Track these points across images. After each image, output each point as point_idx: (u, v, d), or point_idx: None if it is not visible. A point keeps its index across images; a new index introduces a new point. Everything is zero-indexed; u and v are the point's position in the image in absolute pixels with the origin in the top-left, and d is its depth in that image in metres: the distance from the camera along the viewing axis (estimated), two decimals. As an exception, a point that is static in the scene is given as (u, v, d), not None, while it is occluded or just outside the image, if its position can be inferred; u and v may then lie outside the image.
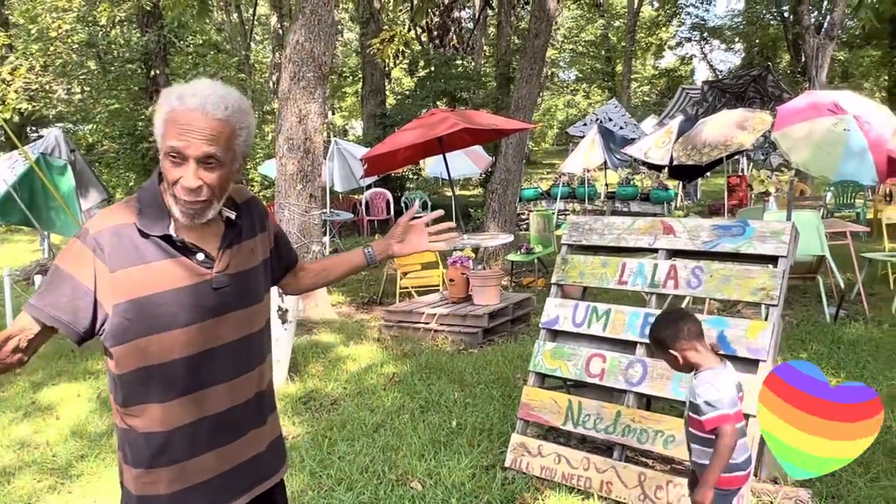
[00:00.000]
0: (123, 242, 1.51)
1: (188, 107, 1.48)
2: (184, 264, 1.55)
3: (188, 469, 1.60)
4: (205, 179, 1.51)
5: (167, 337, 1.52)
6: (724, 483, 2.29)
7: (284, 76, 7.07)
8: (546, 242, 8.92)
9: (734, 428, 2.17)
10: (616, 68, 37.61)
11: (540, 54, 9.89)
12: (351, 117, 38.60)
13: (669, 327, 2.28)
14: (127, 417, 1.58)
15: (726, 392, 2.19)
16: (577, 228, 3.73)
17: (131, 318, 1.50)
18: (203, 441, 1.60)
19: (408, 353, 5.68)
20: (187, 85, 1.53)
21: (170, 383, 1.55)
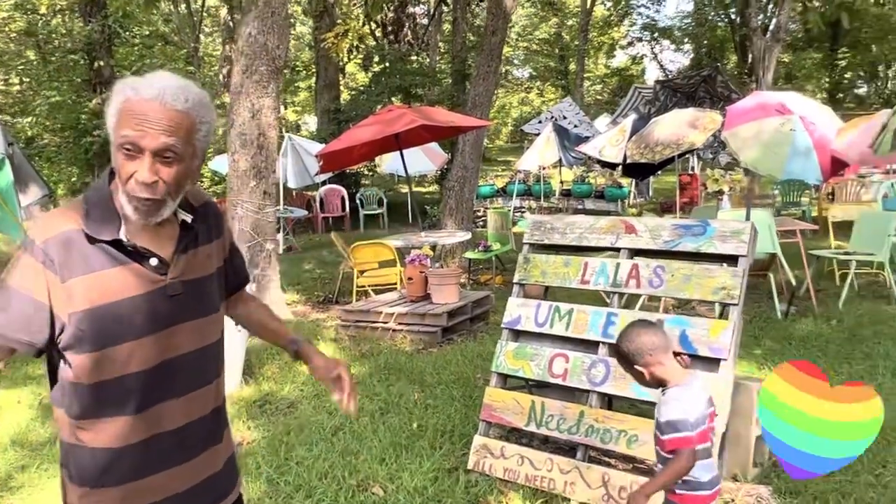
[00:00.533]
0: (72, 251, 1.40)
1: (144, 97, 1.37)
2: (136, 271, 1.44)
3: (139, 490, 1.49)
4: (161, 175, 1.39)
5: (121, 349, 1.43)
6: (684, 500, 2.22)
7: (236, 70, 6.88)
8: (503, 240, 8.92)
9: (693, 451, 2.06)
10: (569, 67, 38.02)
11: (497, 51, 9.87)
12: (304, 112, 38.05)
13: (633, 341, 2.15)
14: (78, 431, 1.47)
15: (692, 412, 2.08)
16: (539, 227, 3.71)
17: (84, 329, 1.40)
18: (156, 460, 1.50)
19: (366, 353, 5.59)
20: (144, 76, 1.42)
21: (123, 397, 1.45)
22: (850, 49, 28.06)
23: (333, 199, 15.18)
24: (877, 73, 32.54)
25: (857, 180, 11.39)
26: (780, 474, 3.21)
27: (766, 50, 13.90)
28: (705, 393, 2.16)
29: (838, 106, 23.54)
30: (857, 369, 4.53)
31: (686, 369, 2.19)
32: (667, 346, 2.16)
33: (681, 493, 2.20)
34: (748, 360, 4.80)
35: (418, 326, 6.00)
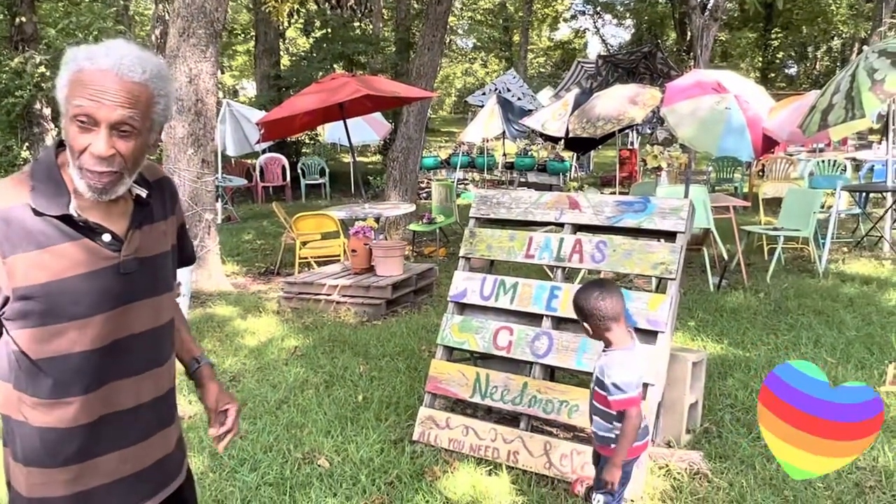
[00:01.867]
0: (13, 226, 1.33)
1: (100, 67, 1.31)
2: (87, 247, 1.38)
3: (88, 471, 1.44)
4: (118, 148, 1.34)
5: (71, 327, 1.37)
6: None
7: (172, 32, 6.60)
8: (447, 212, 8.94)
9: (639, 410, 2.26)
10: (513, 38, 38.01)
11: (442, 21, 9.77)
12: (242, 77, 36.91)
13: (589, 302, 2.30)
14: (23, 407, 1.41)
15: (635, 374, 2.26)
16: (485, 202, 3.74)
17: (31, 307, 1.35)
18: (107, 441, 1.46)
19: (309, 325, 5.55)
20: (98, 45, 1.35)
21: (72, 376, 1.40)
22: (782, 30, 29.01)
23: (274, 167, 14.86)
24: (806, 54, 33.79)
25: (785, 158, 11.87)
26: (711, 440, 3.38)
27: (703, 28, 14.19)
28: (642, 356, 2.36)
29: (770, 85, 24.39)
30: (783, 340, 4.77)
31: (628, 336, 2.34)
32: (618, 312, 2.30)
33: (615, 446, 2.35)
34: (683, 332, 4.99)
35: (362, 299, 5.99)
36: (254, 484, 3.09)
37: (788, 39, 29.81)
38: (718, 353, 4.57)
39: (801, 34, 29.33)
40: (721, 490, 2.95)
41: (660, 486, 2.98)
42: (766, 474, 3.04)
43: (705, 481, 3.03)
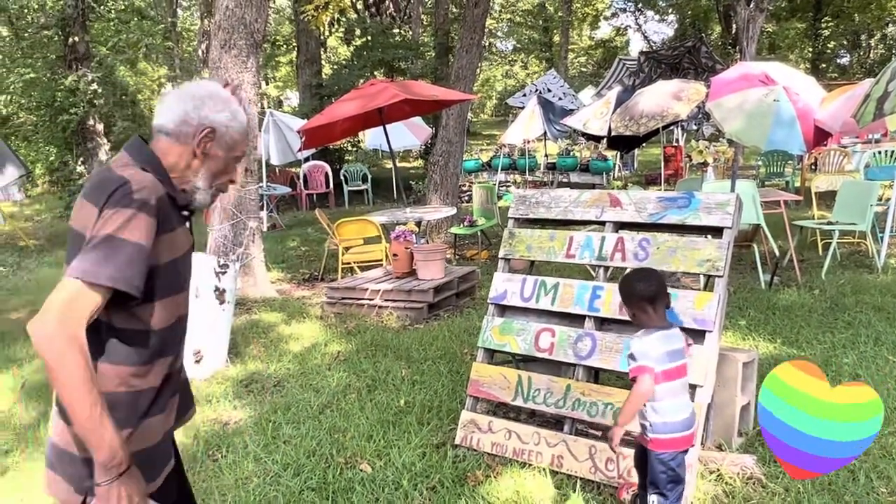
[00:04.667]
0: (165, 209, 1.62)
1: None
2: (186, 233, 1.74)
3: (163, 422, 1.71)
4: None
5: (178, 298, 1.71)
6: (660, 445, 2.36)
7: (214, 44, 6.73)
8: (489, 215, 8.89)
9: (651, 379, 2.33)
10: (553, 38, 37.76)
11: (480, 23, 9.75)
12: (286, 87, 37.56)
13: (629, 285, 2.47)
14: (132, 378, 1.62)
15: (651, 347, 2.36)
16: (524, 202, 3.68)
17: (163, 279, 1.63)
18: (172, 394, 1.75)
19: (352, 330, 5.57)
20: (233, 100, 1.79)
21: (172, 340, 1.71)
22: (833, 18, 28.05)
23: (317, 175, 15.04)
24: (859, 42, 32.58)
25: (839, 150, 11.44)
26: (765, 443, 3.24)
27: (749, 20, 13.81)
28: (674, 343, 2.41)
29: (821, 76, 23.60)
30: (840, 338, 4.58)
31: (663, 321, 2.44)
32: (654, 296, 2.42)
33: (654, 437, 2.31)
34: (733, 331, 4.83)
35: (404, 303, 5.98)
36: (297, 489, 3.10)
37: (840, 28, 28.78)
38: (771, 352, 4.41)
39: (853, 22, 28.30)
40: (776, 496, 2.83)
41: (711, 491, 2.88)
42: (825, 479, 2.90)
43: (759, 486, 2.91)
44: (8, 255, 10.82)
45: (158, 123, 1.73)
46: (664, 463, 2.38)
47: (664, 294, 2.45)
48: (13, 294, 7.85)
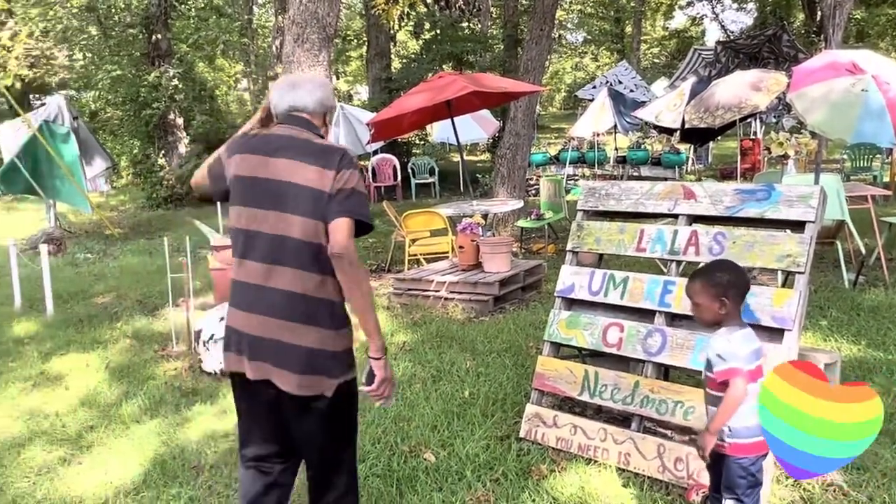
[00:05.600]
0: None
1: None
2: None
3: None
4: None
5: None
6: (741, 450, 2.26)
7: (288, 39, 6.89)
8: (556, 208, 8.78)
9: (744, 382, 2.20)
10: (625, 30, 36.91)
11: (549, 14, 9.62)
12: (356, 82, 38.12)
13: (720, 274, 2.32)
14: (333, 290, 2.13)
15: (740, 347, 2.24)
16: (594, 194, 3.61)
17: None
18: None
19: (418, 321, 5.61)
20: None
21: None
22: (929, 3, 26.32)
23: (385, 168, 15.22)
24: (958, 28, 30.46)
25: (934, 143, 10.74)
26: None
27: (836, 6, 13.12)
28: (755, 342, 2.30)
29: (915, 64, 22.16)
30: (932, 342, 4.31)
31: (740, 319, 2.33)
32: (742, 293, 2.32)
33: (735, 441, 2.21)
34: (813, 332, 4.62)
35: (470, 295, 5.98)
36: (362, 475, 3.14)
37: (936, 14, 26.99)
38: (855, 354, 4.19)
39: (951, 7, 26.48)
40: (859, 504, 2.69)
41: (788, 497, 2.76)
42: (913, 489, 2.74)
43: (840, 494, 2.77)
44: (95, 242, 11.40)
45: (302, 104, 2.27)
46: (744, 468, 2.26)
47: (747, 289, 2.36)
48: (99, 279, 8.27)
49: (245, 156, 2.22)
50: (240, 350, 2.17)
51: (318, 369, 2.12)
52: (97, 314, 6.41)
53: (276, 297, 2.11)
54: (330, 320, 2.13)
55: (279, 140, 2.21)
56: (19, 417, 4.15)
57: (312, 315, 2.11)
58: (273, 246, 2.12)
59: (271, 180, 2.14)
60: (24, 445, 3.74)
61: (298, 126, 2.23)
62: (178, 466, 3.37)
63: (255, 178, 2.17)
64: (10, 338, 5.81)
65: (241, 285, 2.19)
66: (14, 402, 4.41)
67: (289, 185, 2.12)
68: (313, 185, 2.10)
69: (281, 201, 2.12)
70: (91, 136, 13.57)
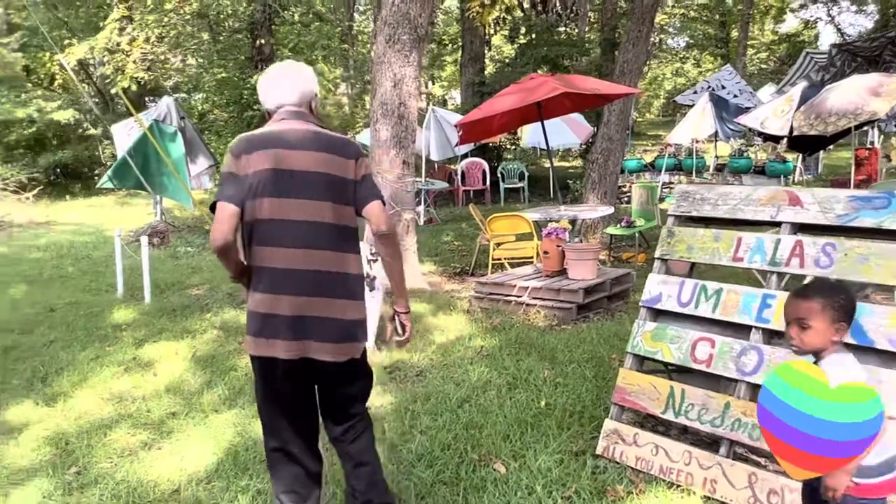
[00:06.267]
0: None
1: None
2: None
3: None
4: None
5: None
6: (868, 491, 1.97)
7: (380, 39, 6.93)
8: (649, 216, 8.43)
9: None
10: (731, 34, 35.33)
11: (648, 15, 9.27)
12: (450, 87, 38.37)
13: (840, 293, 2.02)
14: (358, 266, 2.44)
15: (859, 373, 1.96)
16: (687, 198, 3.37)
17: None
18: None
19: (497, 326, 5.48)
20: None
21: None
22: None
23: (475, 172, 15.16)
24: None
25: None
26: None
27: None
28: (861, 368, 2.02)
29: None
30: None
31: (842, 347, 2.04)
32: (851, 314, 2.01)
33: (863, 482, 1.94)
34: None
35: (553, 302, 5.80)
36: (429, 481, 3.05)
37: None
38: None
39: None
40: None
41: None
42: None
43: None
44: (196, 237, 11.95)
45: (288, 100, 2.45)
46: None
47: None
48: (195, 272, 8.62)
49: (261, 153, 2.31)
50: (275, 334, 2.29)
51: (352, 336, 2.38)
52: (190, 304, 6.66)
53: (314, 278, 2.31)
54: (358, 292, 2.41)
55: (290, 135, 2.36)
56: (110, 400, 4.33)
57: (346, 289, 2.36)
58: (309, 231, 2.31)
59: (296, 171, 2.31)
60: (111, 427, 3.88)
61: (297, 119, 2.41)
62: (250, 458, 3.39)
63: (278, 170, 2.31)
64: (110, 324, 6.11)
65: (277, 271, 2.31)
66: (107, 385, 4.60)
67: (315, 175, 2.32)
68: (338, 172, 2.35)
69: (310, 190, 2.31)
70: (196, 136, 14.23)
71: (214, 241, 2.27)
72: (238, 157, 2.32)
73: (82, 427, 3.91)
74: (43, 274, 8.70)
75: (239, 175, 2.30)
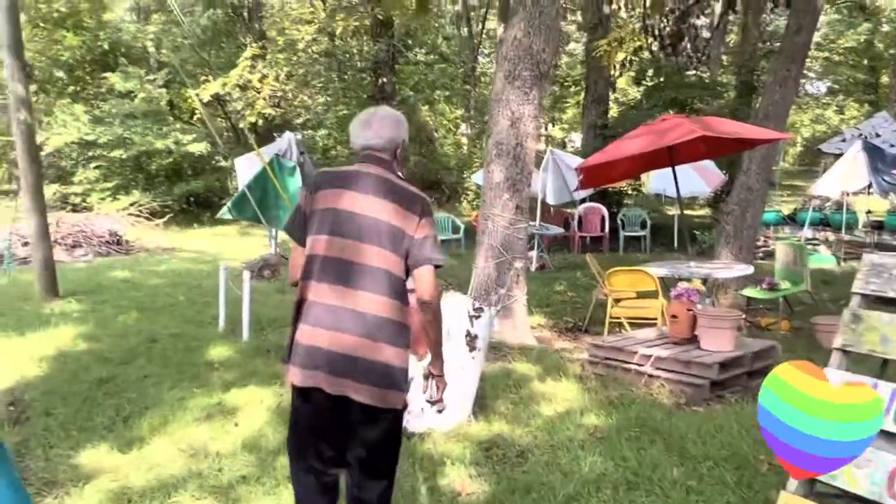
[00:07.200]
0: None
1: None
2: None
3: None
4: None
5: None
6: None
7: (499, 75, 6.51)
8: (796, 278, 7.37)
9: None
10: (880, 79, 32.57)
11: (800, 53, 8.33)
12: (571, 129, 37.73)
13: None
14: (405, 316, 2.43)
15: None
16: (880, 273, 2.60)
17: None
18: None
19: (614, 400, 4.75)
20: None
21: None
22: None
23: (593, 218, 14.40)
24: None
25: None
26: None
27: None
28: None
29: None
30: None
31: None
32: None
33: None
34: None
35: (681, 376, 5.00)
36: None
37: None
38: None
39: None
40: None
41: None
42: None
43: None
44: (305, 271, 11.94)
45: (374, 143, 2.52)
46: None
47: None
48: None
49: (330, 191, 2.43)
50: (316, 366, 2.34)
51: (394, 384, 2.38)
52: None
53: (359, 319, 2.33)
54: (403, 340, 2.41)
55: (362, 178, 2.43)
56: (184, 451, 4.02)
57: (390, 335, 2.37)
58: (357, 273, 2.35)
59: (357, 214, 2.37)
60: (177, 487, 3.54)
61: (375, 164, 2.46)
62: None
63: (340, 210, 2.39)
64: (204, 360, 5.93)
65: (322, 306, 2.36)
66: (186, 432, 4.32)
67: (375, 221, 2.36)
68: (397, 223, 2.37)
69: (368, 234, 2.36)
70: (314, 171, 14.45)
71: (291, 277, 2.53)
72: (310, 192, 2.47)
73: (149, 483, 3.60)
74: (155, 301, 8.83)
75: (305, 211, 2.47)
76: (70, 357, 6.07)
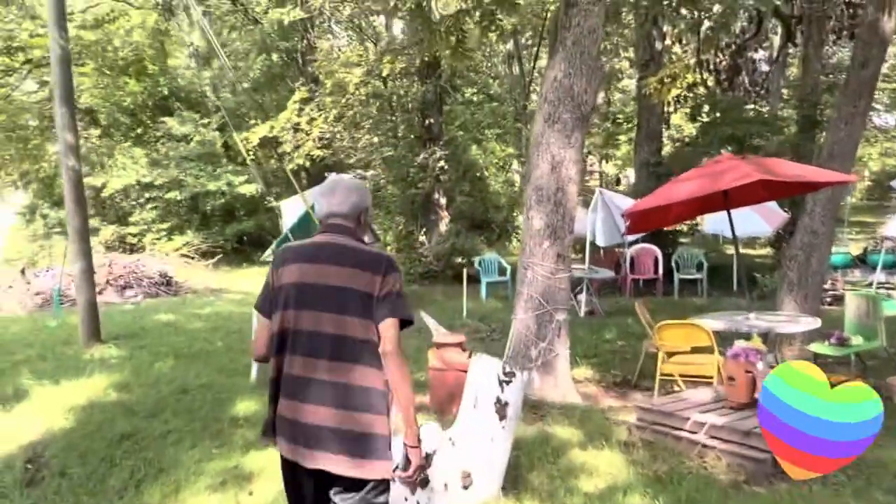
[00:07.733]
0: None
1: None
2: None
3: None
4: None
5: None
6: None
7: (538, 118, 6.22)
8: (869, 333, 6.72)
9: None
10: (957, 110, 30.93)
11: (867, 88, 7.79)
12: (625, 167, 37.08)
13: None
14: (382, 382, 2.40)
15: None
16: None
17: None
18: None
19: (662, 476, 4.27)
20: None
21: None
22: None
23: (646, 259, 13.83)
24: None
25: None
26: None
27: None
28: None
29: None
30: None
31: None
32: None
33: None
34: None
35: (740, 448, 4.48)
36: None
37: None
38: None
39: None
40: None
41: None
42: None
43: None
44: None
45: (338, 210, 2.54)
46: None
47: None
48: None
49: (294, 265, 2.46)
50: (295, 439, 2.38)
51: (370, 452, 2.34)
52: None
53: (331, 389, 2.34)
54: (381, 407, 2.38)
55: (325, 248, 2.47)
56: (192, 524, 3.75)
57: (368, 403, 2.35)
58: (327, 343, 2.37)
59: (321, 285, 2.40)
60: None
61: (337, 233, 2.50)
62: None
63: (309, 283, 2.42)
64: (229, 416, 5.71)
65: (296, 380, 2.39)
66: (196, 500, 4.07)
67: (340, 290, 2.38)
68: (362, 288, 2.38)
69: (334, 303, 2.38)
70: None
71: (255, 350, 2.56)
72: (276, 268, 2.51)
73: (147, 564, 3.33)
74: (193, 347, 8.73)
75: (273, 286, 2.50)
76: (98, 408, 5.94)
